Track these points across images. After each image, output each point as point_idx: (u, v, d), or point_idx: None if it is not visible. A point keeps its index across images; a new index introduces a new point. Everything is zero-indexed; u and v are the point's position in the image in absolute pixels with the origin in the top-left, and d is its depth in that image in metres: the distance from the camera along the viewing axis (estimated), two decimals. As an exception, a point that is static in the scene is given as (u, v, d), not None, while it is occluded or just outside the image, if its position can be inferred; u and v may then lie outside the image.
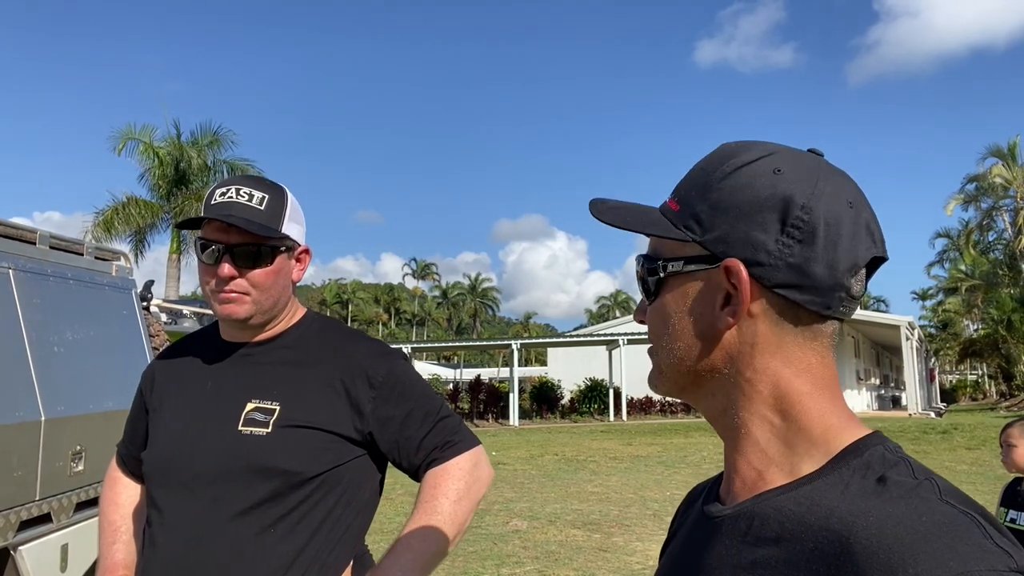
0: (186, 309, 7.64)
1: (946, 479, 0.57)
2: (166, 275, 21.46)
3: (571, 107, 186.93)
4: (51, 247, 3.18)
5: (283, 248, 1.37)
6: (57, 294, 3.10)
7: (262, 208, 1.33)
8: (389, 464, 1.43)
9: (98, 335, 3.33)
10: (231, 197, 1.32)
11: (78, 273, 3.29)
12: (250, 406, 1.32)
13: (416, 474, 1.39)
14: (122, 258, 3.83)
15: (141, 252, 21.56)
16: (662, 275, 0.67)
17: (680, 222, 0.65)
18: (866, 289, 0.65)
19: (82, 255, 3.41)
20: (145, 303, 4.53)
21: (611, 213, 0.70)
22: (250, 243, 1.32)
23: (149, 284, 5.65)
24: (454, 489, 1.35)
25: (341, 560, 1.32)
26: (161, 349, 4.58)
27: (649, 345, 0.71)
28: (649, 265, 0.68)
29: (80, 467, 3.03)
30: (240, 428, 1.30)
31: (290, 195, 1.40)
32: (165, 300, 8.08)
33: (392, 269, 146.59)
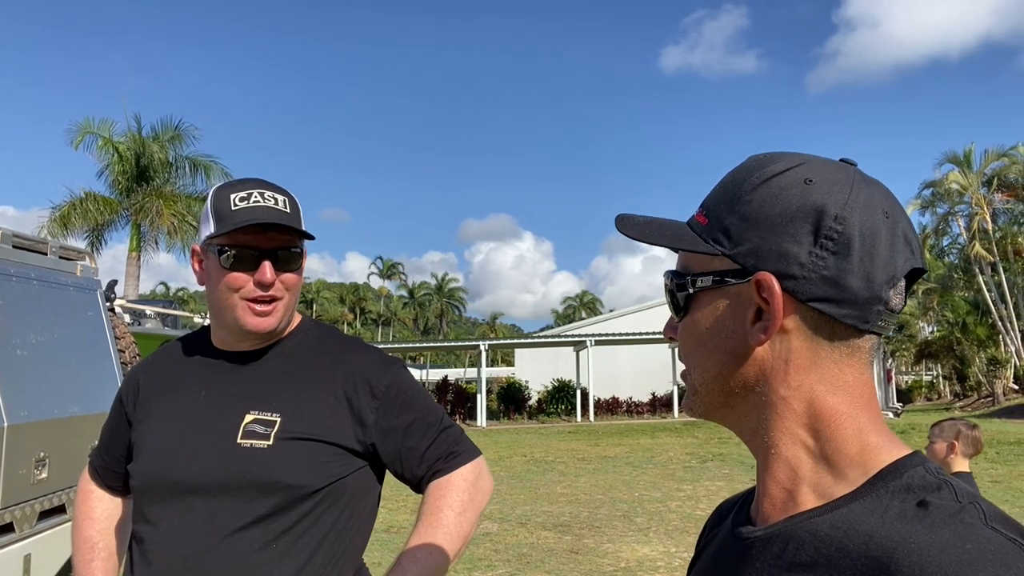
0: (149, 309, 7.46)
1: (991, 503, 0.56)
2: (125, 273, 20.95)
3: (540, 110, 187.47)
4: (14, 246, 3.07)
5: (303, 250, 1.35)
6: (20, 295, 2.99)
7: (288, 212, 1.31)
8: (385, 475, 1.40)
9: (63, 337, 3.22)
10: (258, 201, 1.28)
11: (42, 273, 3.19)
12: (249, 418, 1.27)
13: (418, 485, 1.36)
14: (87, 257, 3.72)
15: (98, 249, 21.03)
16: (691, 291, 0.65)
17: (709, 236, 0.64)
18: (906, 302, 0.64)
19: (46, 254, 3.30)
20: (109, 304, 4.40)
21: (637, 228, 0.68)
22: (287, 246, 1.30)
23: (112, 284, 5.50)
24: (458, 501, 1.32)
25: None
26: (127, 351, 4.46)
27: (683, 368, 0.69)
28: (678, 281, 0.66)
29: (44, 475, 2.93)
30: (239, 441, 1.25)
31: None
32: (127, 300, 7.88)
33: (357, 268, 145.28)
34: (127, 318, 6.16)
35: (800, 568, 0.57)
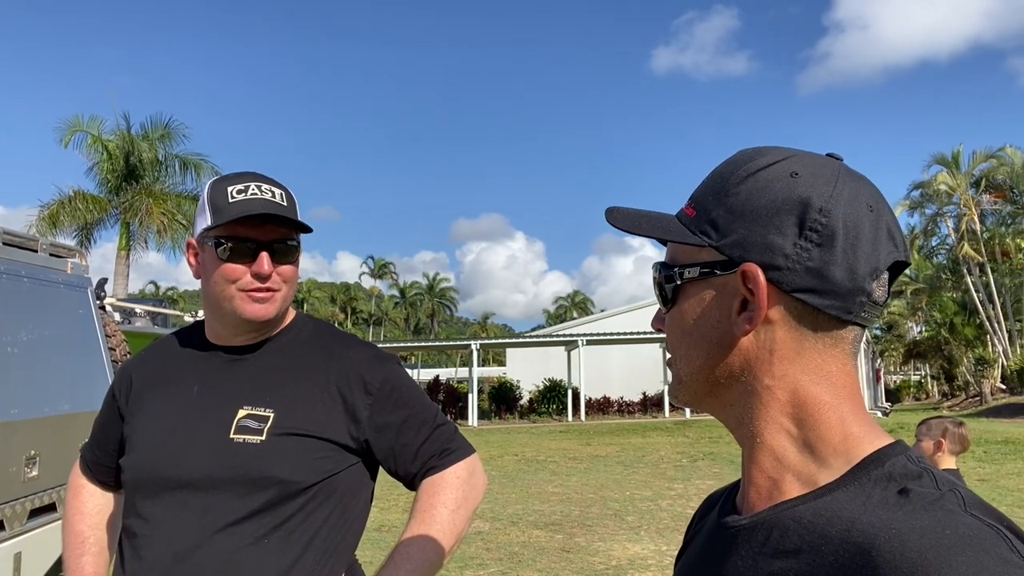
0: (139, 308, 7.42)
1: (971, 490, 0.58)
2: (114, 272, 20.81)
3: (532, 112, 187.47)
4: (4, 243, 3.05)
5: (299, 245, 1.36)
6: (10, 292, 2.97)
7: (285, 204, 1.31)
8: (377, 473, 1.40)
9: (53, 335, 3.21)
10: (255, 194, 1.28)
11: (32, 270, 3.17)
12: (242, 413, 1.27)
13: (412, 482, 1.36)
14: (77, 255, 3.71)
15: (87, 248, 20.85)
16: (679, 282, 0.66)
17: (696, 227, 0.65)
18: (889, 294, 0.65)
19: (36, 252, 3.29)
20: (100, 302, 4.39)
21: (627, 220, 0.69)
22: (284, 239, 1.30)
23: (102, 282, 5.47)
24: (452, 498, 1.33)
25: (335, 572, 1.29)
26: (118, 349, 4.44)
27: (668, 356, 0.71)
28: (666, 272, 0.67)
29: (34, 472, 2.92)
30: (232, 436, 1.25)
31: None
32: (117, 299, 7.84)
33: (349, 268, 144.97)
34: (117, 316, 6.13)
35: (784, 555, 0.58)
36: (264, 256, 1.27)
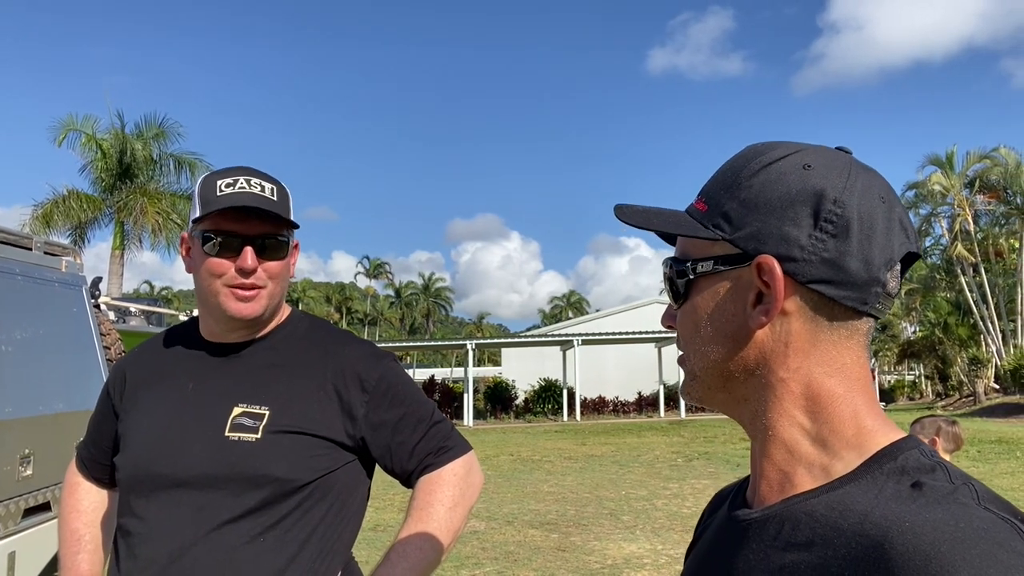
0: (134, 307, 7.39)
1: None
2: (108, 272, 20.73)
3: (529, 113, 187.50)
4: (-2, 241, 3.03)
5: (290, 240, 1.33)
6: (4, 290, 2.96)
7: (275, 199, 1.29)
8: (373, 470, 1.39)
9: (47, 333, 3.20)
10: (243, 187, 1.26)
11: (26, 268, 3.15)
12: (237, 411, 1.26)
13: (408, 480, 1.36)
14: (72, 253, 3.69)
15: (81, 247, 20.77)
16: (691, 276, 0.65)
17: (709, 221, 0.64)
18: (901, 285, 0.65)
19: (31, 250, 3.27)
20: (94, 300, 4.36)
21: (637, 216, 0.68)
22: (271, 234, 1.28)
23: (97, 281, 5.45)
24: (449, 496, 1.32)
25: (332, 570, 1.28)
26: (112, 348, 4.41)
27: (680, 354, 0.70)
28: (678, 267, 0.67)
29: (28, 471, 2.90)
30: (227, 434, 1.24)
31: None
32: (111, 298, 7.80)
33: (344, 268, 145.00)
34: (112, 315, 6.10)
35: (796, 548, 0.58)
36: (248, 251, 1.25)
